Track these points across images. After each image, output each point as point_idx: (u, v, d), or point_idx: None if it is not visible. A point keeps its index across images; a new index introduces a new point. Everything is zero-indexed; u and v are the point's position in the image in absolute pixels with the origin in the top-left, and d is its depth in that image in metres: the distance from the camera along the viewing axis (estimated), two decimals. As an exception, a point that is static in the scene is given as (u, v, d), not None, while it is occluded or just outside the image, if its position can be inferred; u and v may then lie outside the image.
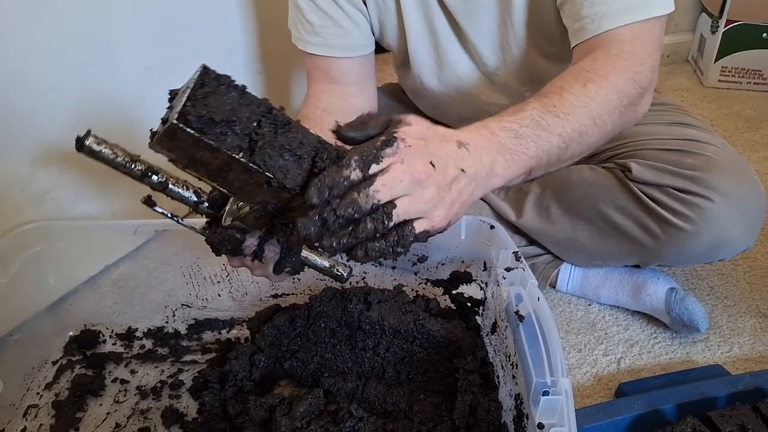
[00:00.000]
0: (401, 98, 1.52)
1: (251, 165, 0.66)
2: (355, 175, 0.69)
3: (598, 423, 0.98)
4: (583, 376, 1.21)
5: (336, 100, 1.21)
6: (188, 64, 1.50)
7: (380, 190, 0.68)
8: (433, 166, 0.72)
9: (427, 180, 0.71)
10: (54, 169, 1.29)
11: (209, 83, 0.65)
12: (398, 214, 0.70)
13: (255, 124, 0.67)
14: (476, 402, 1.01)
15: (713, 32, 2.19)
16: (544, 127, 0.85)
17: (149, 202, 0.88)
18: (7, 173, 1.23)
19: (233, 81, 0.67)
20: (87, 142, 0.76)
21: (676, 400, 1.01)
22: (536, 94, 0.91)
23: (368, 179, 0.69)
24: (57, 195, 1.32)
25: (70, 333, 1.30)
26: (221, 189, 0.73)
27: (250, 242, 0.86)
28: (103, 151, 0.78)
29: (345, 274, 0.96)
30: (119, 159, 0.79)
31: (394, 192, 0.69)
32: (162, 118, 0.65)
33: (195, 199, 0.85)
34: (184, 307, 1.30)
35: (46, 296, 1.29)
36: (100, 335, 1.29)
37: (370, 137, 0.73)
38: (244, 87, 0.68)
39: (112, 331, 1.30)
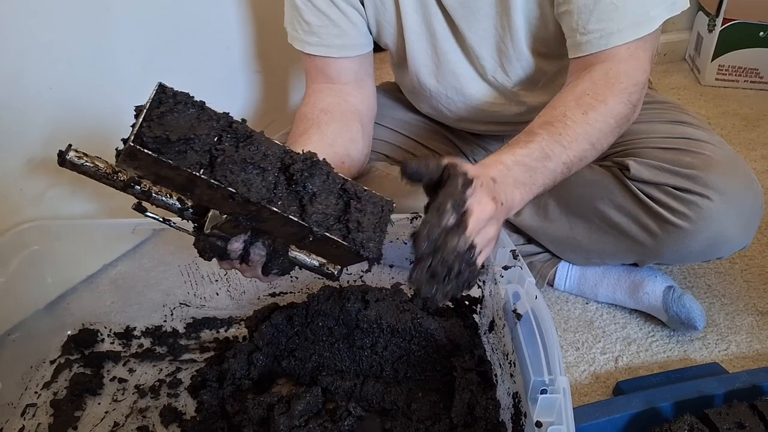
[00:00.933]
0: (398, 97, 1.52)
1: (212, 181, 0.66)
2: (452, 220, 0.73)
3: (596, 421, 0.98)
4: (581, 375, 1.21)
5: (334, 99, 1.21)
6: (186, 63, 1.52)
7: (471, 234, 0.74)
8: (495, 200, 0.80)
9: (495, 216, 0.79)
10: (51, 167, 1.28)
11: (166, 101, 0.65)
12: (479, 255, 0.76)
13: (215, 139, 0.67)
14: (474, 400, 1.01)
15: (710, 31, 2.19)
16: (551, 158, 0.92)
17: (140, 208, 0.89)
18: (4, 172, 1.23)
19: (191, 98, 0.67)
20: (68, 156, 0.77)
21: (674, 398, 1.01)
22: (542, 119, 0.98)
23: (460, 224, 0.74)
24: (54, 194, 1.32)
25: (69, 332, 1.30)
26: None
27: (236, 246, 0.85)
28: (84, 164, 0.78)
29: (336, 273, 0.96)
30: (101, 171, 0.79)
31: (478, 230, 0.76)
32: (122, 139, 0.65)
33: (179, 206, 0.85)
34: (182, 305, 1.30)
35: (44, 295, 1.28)
36: (99, 334, 1.29)
37: (431, 176, 0.76)
38: (202, 103, 0.68)
39: (111, 330, 1.30)
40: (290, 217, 0.72)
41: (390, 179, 1.28)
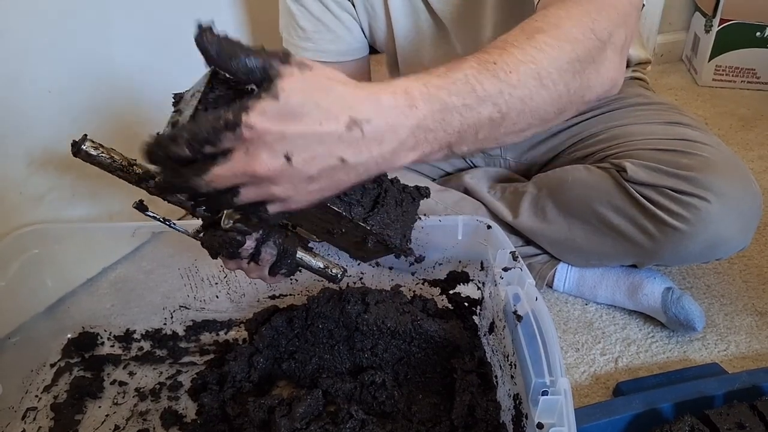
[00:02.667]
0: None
1: None
2: (184, 153, 0.59)
3: (597, 422, 0.98)
4: (581, 376, 1.21)
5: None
6: (184, 66, 1.51)
7: (215, 181, 0.60)
8: (289, 159, 0.60)
9: (275, 177, 0.61)
10: (51, 171, 1.29)
11: (219, 87, 0.64)
12: (240, 201, 0.63)
13: None
14: (475, 402, 1.01)
15: (707, 31, 2.19)
16: (479, 94, 0.68)
17: (141, 207, 0.88)
18: (4, 176, 1.23)
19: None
20: (84, 147, 0.77)
21: (674, 398, 1.01)
22: (478, 51, 0.73)
23: (204, 161, 0.60)
24: (54, 197, 1.32)
25: (69, 335, 1.30)
26: None
27: (248, 244, 0.85)
28: (100, 155, 0.78)
29: (339, 275, 0.96)
30: (116, 163, 0.79)
31: (230, 183, 0.61)
32: (169, 122, 0.64)
33: (192, 201, 0.85)
34: (182, 308, 1.30)
35: (44, 299, 1.28)
36: (99, 337, 1.29)
37: (237, 69, 0.60)
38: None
39: (110, 333, 1.30)
40: (330, 206, 0.71)
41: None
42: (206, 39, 0.59)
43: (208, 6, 1.51)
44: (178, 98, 0.66)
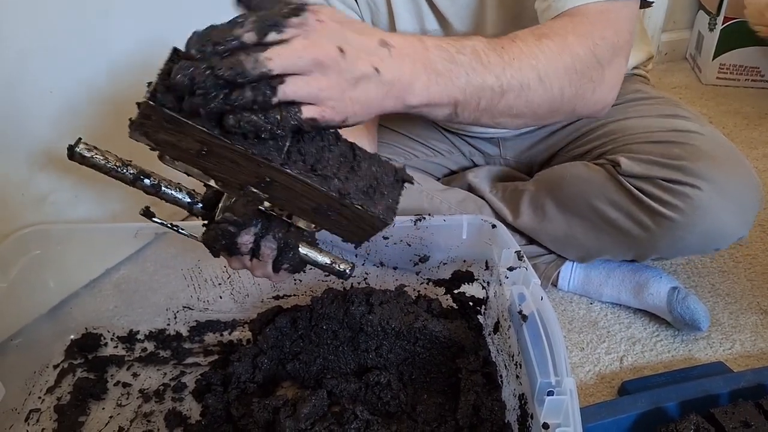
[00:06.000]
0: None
1: (226, 141, 0.66)
2: (248, 37, 0.62)
3: (602, 421, 0.98)
4: (586, 375, 1.21)
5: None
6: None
7: (272, 59, 0.62)
8: (342, 51, 0.66)
9: (330, 65, 0.65)
10: (53, 171, 1.28)
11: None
12: (285, 92, 0.64)
13: None
14: (480, 402, 1.01)
15: (711, 29, 2.19)
16: (483, 63, 0.79)
17: (148, 213, 0.88)
18: (6, 177, 1.23)
19: None
20: (78, 149, 0.77)
21: (679, 397, 1.01)
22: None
23: (262, 45, 0.62)
24: (56, 198, 1.32)
25: (72, 336, 1.30)
26: (204, 178, 0.73)
27: (246, 239, 0.83)
28: (94, 157, 0.78)
29: (347, 270, 0.94)
30: (110, 164, 0.79)
31: (287, 66, 0.63)
32: (137, 102, 0.66)
33: (188, 200, 0.84)
34: (185, 309, 1.30)
35: (47, 300, 1.28)
36: (102, 338, 1.29)
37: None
38: None
39: (114, 334, 1.30)
40: (306, 180, 0.71)
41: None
42: None
43: (208, 6, 1.50)
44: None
